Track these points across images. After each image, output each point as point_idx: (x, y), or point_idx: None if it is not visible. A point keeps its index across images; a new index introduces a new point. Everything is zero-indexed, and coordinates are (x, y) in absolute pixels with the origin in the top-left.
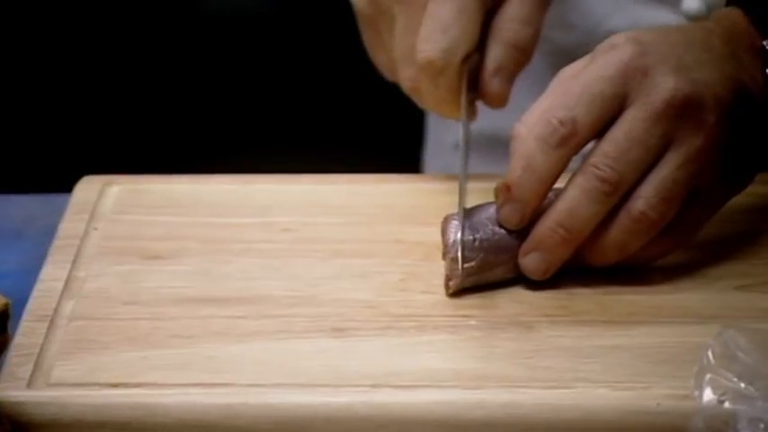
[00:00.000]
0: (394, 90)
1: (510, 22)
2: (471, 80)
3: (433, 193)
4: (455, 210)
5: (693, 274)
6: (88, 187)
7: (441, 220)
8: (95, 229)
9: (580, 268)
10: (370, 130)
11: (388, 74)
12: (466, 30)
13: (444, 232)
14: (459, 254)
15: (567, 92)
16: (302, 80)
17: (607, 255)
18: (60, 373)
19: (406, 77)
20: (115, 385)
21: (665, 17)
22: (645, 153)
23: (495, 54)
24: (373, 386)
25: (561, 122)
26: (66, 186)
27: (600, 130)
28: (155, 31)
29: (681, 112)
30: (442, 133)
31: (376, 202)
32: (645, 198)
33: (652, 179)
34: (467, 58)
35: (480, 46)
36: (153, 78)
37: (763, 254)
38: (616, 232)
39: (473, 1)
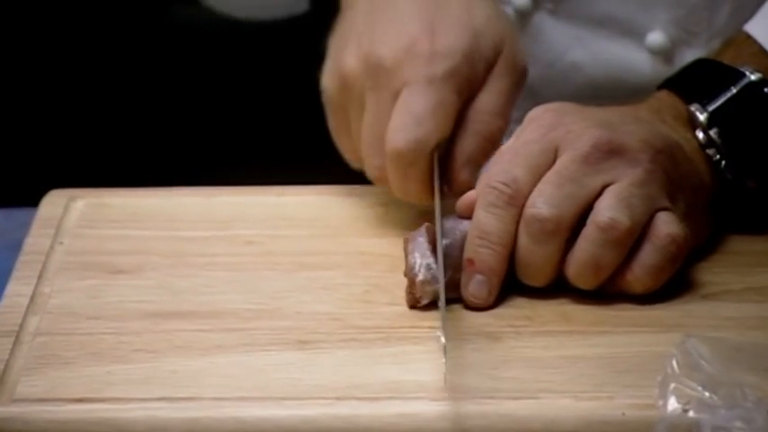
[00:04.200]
0: None
1: (483, 114)
2: (440, 167)
3: (397, 206)
4: (419, 223)
5: None
6: (54, 201)
7: (405, 232)
8: (61, 243)
9: None
10: (326, 143)
11: (351, 160)
12: (440, 123)
13: (408, 252)
14: (422, 277)
15: (499, 161)
16: (265, 93)
17: (584, 275)
18: (25, 389)
19: (374, 166)
20: (79, 400)
21: (628, 51)
22: (579, 188)
23: (467, 145)
24: (338, 398)
25: (504, 184)
26: (31, 200)
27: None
28: (117, 45)
29: (609, 155)
30: None
31: (340, 215)
32: (608, 206)
33: (608, 193)
34: (437, 146)
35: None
36: (117, 93)
37: (724, 262)
38: (588, 247)
39: (450, 94)
